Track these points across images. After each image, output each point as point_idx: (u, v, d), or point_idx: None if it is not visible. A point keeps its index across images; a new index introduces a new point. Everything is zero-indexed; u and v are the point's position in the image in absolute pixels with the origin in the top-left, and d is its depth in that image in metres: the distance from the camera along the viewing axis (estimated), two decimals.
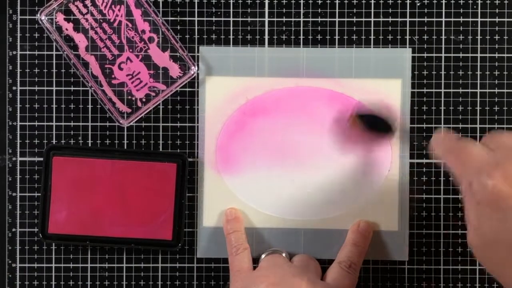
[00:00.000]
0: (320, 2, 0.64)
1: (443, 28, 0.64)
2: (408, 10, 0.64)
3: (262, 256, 0.63)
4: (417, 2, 0.64)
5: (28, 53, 0.64)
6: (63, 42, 0.64)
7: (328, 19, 0.64)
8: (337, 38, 0.64)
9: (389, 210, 0.64)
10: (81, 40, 0.64)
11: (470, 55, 0.64)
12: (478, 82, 0.64)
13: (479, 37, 0.64)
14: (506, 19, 0.64)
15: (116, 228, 0.64)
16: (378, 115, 0.63)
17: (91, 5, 0.64)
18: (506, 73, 0.64)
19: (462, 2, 0.64)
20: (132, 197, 0.64)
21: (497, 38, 0.64)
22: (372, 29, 0.64)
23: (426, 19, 0.64)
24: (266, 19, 0.65)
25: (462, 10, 0.64)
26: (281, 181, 0.64)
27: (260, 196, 0.64)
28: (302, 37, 0.64)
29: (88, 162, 0.64)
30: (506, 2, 0.64)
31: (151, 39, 0.64)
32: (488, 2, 0.64)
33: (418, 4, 0.64)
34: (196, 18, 0.65)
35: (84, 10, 0.64)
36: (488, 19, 0.64)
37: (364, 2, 0.64)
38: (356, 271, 0.62)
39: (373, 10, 0.64)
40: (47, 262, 0.65)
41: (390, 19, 0.64)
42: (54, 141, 0.65)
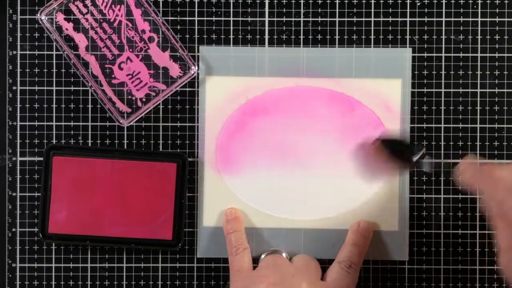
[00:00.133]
0: (320, 2, 0.64)
1: (443, 28, 0.64)
2: (408, 10, 0.64)
3: (262, 256, 0.63)
4: (417, 2, 0.64)
5: (28, 53, 0.64)
6: (63, 42, 0.64)
7: (328, 19, 0.64)
8: (337, 38, 0.64)
9: (389, 210, 0.64)
10: (81, 40, 0.64)
11: (470, 55, 0.64)
12: (478, 82, 0.64)
13: (479, 37, 0.64)
14: (506, 19, 0.64)
15: (116, 228, 0.63)
16: (402, 141, 0.63)
17: (91, 5, 0.64)
18: (506, 73, 0.64)
19: (462, 2, 0.64)
20: (132, 197, 0.63)
21: (497, 38, 0.64)
22: (372, 29, 0.64)
23: (426, 19, 0.64)
24: (266, 19, 0.65)
25: (462, 10, 0.64)
26: (281, 181, 0.64)
27: (260, 196, 0.64)
28: (302, 37, 0.64)
29: (88, 162, 0.64)
30: (506, 2, 0.64)
31: (151, 39, 0.64)
32: (488, 2, 0.64)
33: (418, 4, 0.64)
34: (196, 18, 0.65)
35: (84, 10, 0.64)
36: (488, 19, 0.64)
37: (364, 2, 0.64)
38: (356, 271, 0.62)
39: (373, 10, 0.64)
40: (47, 262, 0.65)
41: (390, 19, 0.64)
42: (54, 141, 0.65)
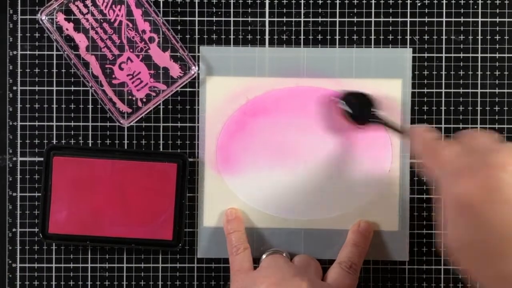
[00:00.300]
0: (320, 2, 0.64)
1: (444, 28, 0.64)
2: (408, 10, 0.64)
3: (263, 256, 0.63)
4: (417, 2, 0.64)
5: (28, 53, 0.64)
6: (64, 42, 0.64)
7: (328, 19, 0.64)
8: (337, 38, 0.64)
9: (389, 210, 0.64)
10: (81, 40, 0.64)
11: (470, 55, 0.64)
12: (479, 82, 0.64)
13: (480, 37, 0.64)
14: (506, 19, 0.64)
15: (116, 228, 0.63)
16: (362, 97, 0.63)
17: (92, 5, 0.64)
18: (506, 73, 0.64)
19: (462, 2, 0.64)
20: (132, 197, 0.63)
21: (497, 38, 0.64)
22: (372, 29, 0.64)
23: (426, 19, 0.64)
24: (267, 19, 0.65)
25: (462, 10, 0.64)
26: (281, 181, 0.64)
27: (260, 196, 0.64)
28: (302, 37, 0.64)
29: (88, 162, 0.64)
30: (506, 2, 0.64)
31: (152, 39, 0.64)
32: (488, 2, 0.64)
33: (419, 4, 0.64)
34: (196, 18, 0.65)
35: (84, 10, 0.64)
36: (488, 19, 0.64)
37: (364, 2, 0.64)
38: (356, 272, 0.62)
39: (373, 10, 0.64)
40: (47, 262, 0.65)
41: (391, 19, 0.64)
42: (54, 141, 0.65)
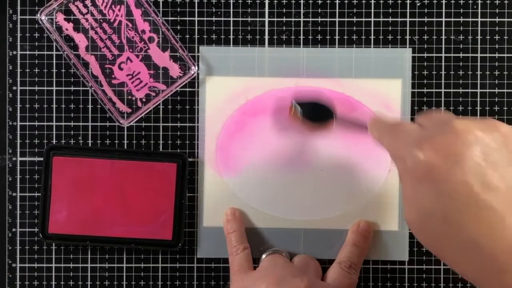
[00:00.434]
0: (320, 2, 0.64)
1: (443, 28, 0.64)
2: (408, 10, 0.64)
3: (263, 256, 0.63)
4: (417, 2, 0.64)
5: (28, 53, 0.64)
6: (63, 42, 0.64)
7: (328, 19, 0.64)
8: (337, 38, 0.64)
9: (389, 210, 0.64)
10: (81, 40, 0.64)
11: (470, 55, 0.64)
12: (478, 82, 0.64)
13: (479, 37, 0.64)
14: (506, 19, 0.64)
15: (116, 228, 0.63)
16: (317, 103, 0.62)
17: (91, 5, 0.64)
18: (506, 73, 0.64)
19: (462, 2, 0.64)
20: (132, 197, 0.63)
21: (497, 38, 0.64)
22: (372, 29, 0.64)
23: (426, 19, 0.64)
24: (266, 19, 0.65)
25: (462, 10, 0.64)
26: (281, 181, 0.64)
27: (260, 196, 0.64)
28: (302, 37, 0.64)
29: (88, 162, 0.64)
30: (506, 2, 0.64)
31: (151, 39, 0.64)
32: (488, 2, 0.64)
33: (418, 4, 0.64)
34: (196, 18, 0.65)
35: (84, 10, 0.64)
36: (488, 19, 0.64)
37: (364, 2, 0.64)
38: (356, 272, 0.62)
39: (373, 10, 0.64)
40: (47, 262, 0.65)
41: (390, 19, 0.64)
42: (54, 141, 0.65)
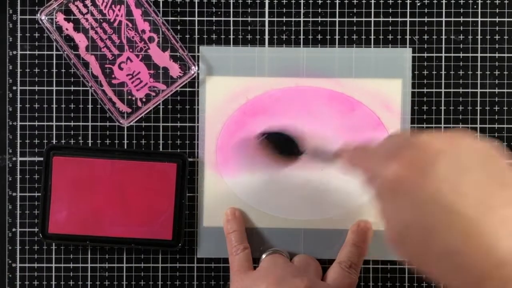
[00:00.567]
0: (320, 2, 0.64)
1: (443, 28, 0.64)
2: (408, 10, 0.64)
3: (263, 256, 0.63)
4: (417, 2, 0.64)
5: (28, 53, 0.64)
6: (63, 42, 0.64)
7: (328, 19, 0.64)
8: (337, 38, 0.64)
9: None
10: (81, 40, 0.64)
11: (470, 55, 0.64)
12: (479, 82, 0.64)
13: (479, 37, 0.64)
14: (506, 19, 0.64)
15: (116, 228, 0.63)
16: (285, 135, 0.63)
17: (91, 5, 0.64)
18: (506, 73, 0.64)
19: (462, 2, 0.64)
20: (132, 197, 0.63)
21: (497, 38, 0.64)
22: (372, 29, 0.64)
23: (426, 19, 0.64)
24: (266, 19, 0.65)
25: (462, 10, 0.64)
26: (281, 181, 0.64)
27: (260, 196, 0.64)
28: (302, 37, 0.64)
29: (88, 162, 0.64)
30: (506, 2, 0.64)
31: (151, 39, 0.64)
32: (488, 2, 0.64)
33: (418, 4, 0.64)
34: (196, 18, 0.65)
35: (84, 10, 0.64)
36: (488, 19, 0.64)
37: (364, 2, 0.64)
38: (356, 271, 0.62)
39: (373, 10, 0.64)
40: (47, 262, 0.65)
41: (390, 19, 0.64)
42: (54, 141, 0.65)
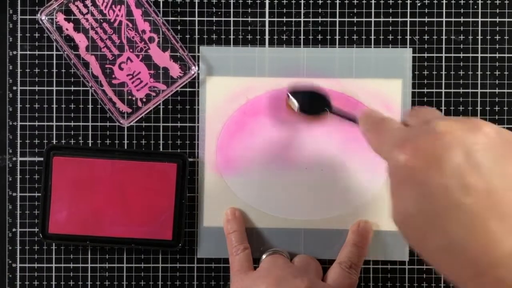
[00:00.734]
0: (320, 2, 0.64)
1: (444, 28, 0.64)
2: (408, 10, 0.64)
3: (263, 256, 0.63)
4: (417, 2, 0.64)
5: (28, 53, 0.64)
6: (64, 42, 0.64)
7: (328, 19, 0.64)
8: (337, 38, 0.64)
9: (389, 210, 0.64)
10: (81, 40, 0.64)
11: (470, 55, 0.64)
12: (479, 82, 0.64)
13: (480, 37, 0.64)
14: (506, 19, 0.64)
15: (116, 228, 0.63)
16: (312, 92, 0.62)
17: (92, 5, 0.64)
18: (506, 73, 0.64)
19: (462, 2, 0.64)
20: (132, 197, 0.63)
21: (497, 38, 0.64)
22: (372, 29, 0.64)
23: (426, 19, 0.64)
24: (267, 19, 0.65)
25: (462, 10, 0.64)
26: (281, 181, 0.64)
27: (260, 196, 0.64)
28: (302, 37, 0.64)
29: (88, 162, 0.64)
30: (506, 2, 0.64)
31: (152, 39, 0.64)
32: (488, 2, 0.64)
33: (419, 4, 0.64)
34: (196, 18, 0.65)
35: (84, 10, 0.64)
36: (488, 19, 0.64)
37: (364, 2, 0.64)
38: (356, 272, 0.62)
39: (373, 10, 0.64)
40: (47, 262, 0.65)
41: (391, 19, 0.64)
42: (54, 141, 0.65)
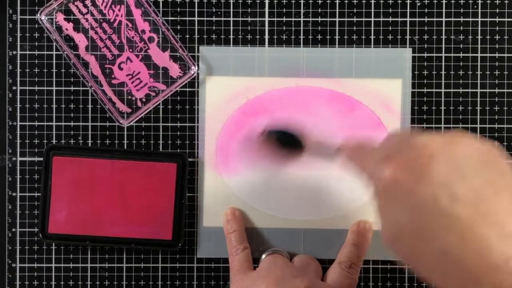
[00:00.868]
0: (320, 2, 0.64)
1: (444, 28, 0.64)
2: (408, 10, 0.64)
3: (263, 256, 0.63)
4: (417, 2, 0.64)
5: (28, 53, 0.64)
6: (63, 42, 0.64)
7: (328, 19, 0.64)
8: (337, 38, 0.64)
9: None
10: (81, 40, 0.64)
11: (470, 55, 0.64)
12: (479, 82, 0.64)
13: (480, 37, 0.64)
14: (506, 19, 0.64)
15: (116, 228, 0.63)
16: (289, 131, 0.62)
17: (91, 5, 0.64)
18: (506, 73, 0.64)
19: (462, 2, 0.64)
20: (132, 197, 0.63)
21: (497, 38, 0.64)
22: (372, 29, 0.64)
23: (426, 19, 0.64)
24: (266, 19, 0.65)
25: (462, 10, 0.64)
26: (281, 181, 0.64)
27: (260, 196, 0.64)
28: (302, 37, 0.64)
29: (88, 162, 0.64)
30: (506, 2, 0.64)
31: (151, 39, 0.64)
32: (488, 2, 0.64)
33: (419, 4, 0.64)
34: (196, 18, 0.65)
35: (84, 10, 0.64)
36: (488, 19, 0.64)
37: (364, 2, 0.64)
38: (356, 272, 0.62)
39: (373, 10, 0.64)
40: (47, 262, 0.65)
41: (391, 19, 0.64)
42: (54, 141, 0.65)
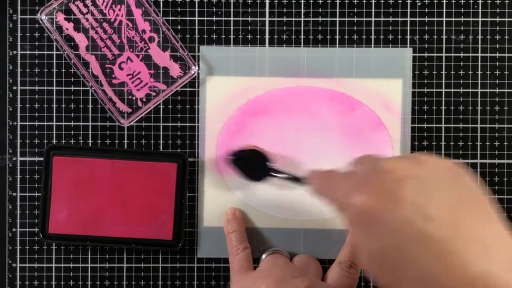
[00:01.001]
0: (320, 1, 0.64)
1: (444, 27, 0.64)
2: (408, 10, 0.64)
3: (263, 256, 0.63)
4: (417, 1, 0.64)
5: (28, 52, 0.64)
6: (64, 41, 0.64)
7: (328, 19, 0.64)
8: (337, 37, 0.64)
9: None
10: (81, 39, 0.64)
11: (471, 55, 0.64)
12: (479, 81, 0.64)
13: (480, 36, 0.64)
14: (506, 19, 0.64)
15: (116, 228, 0.63)
16: (254, 156, 0.63)
17: (92, 4, 0.64)
18: (506, 72, 0.64)
19: (463, 1, 0.64)
20: (132, 197, 0.63)
21: (497, 38, 0.64)
22: (372, 28, 0.64)
23: (426, 19, 0.64)
24: (267, 19, 0.65)
25: (463, 10, 0.64)
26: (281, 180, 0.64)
27: (260, 196, 0.64)
28: (302, 36, 0.64)
29: (88, 162, 0.64)
30: (506, 2, 0.64)
31: (152, 39, 0.64)
32: (489, 1, 0.64)
33: (419, 4, 0.64)
34: (196, 18, 0.65)
35: (84, 10, 0.64)
36: (489, 19, 0.64)
37: (364, 1, 0.64)
38: (356, 272, 0.62)
39: (373, 10, 0.64)
40: (47, 262, 0.65)
41: (391, 19, 0.64)
42: (54, 141, 0.65)
